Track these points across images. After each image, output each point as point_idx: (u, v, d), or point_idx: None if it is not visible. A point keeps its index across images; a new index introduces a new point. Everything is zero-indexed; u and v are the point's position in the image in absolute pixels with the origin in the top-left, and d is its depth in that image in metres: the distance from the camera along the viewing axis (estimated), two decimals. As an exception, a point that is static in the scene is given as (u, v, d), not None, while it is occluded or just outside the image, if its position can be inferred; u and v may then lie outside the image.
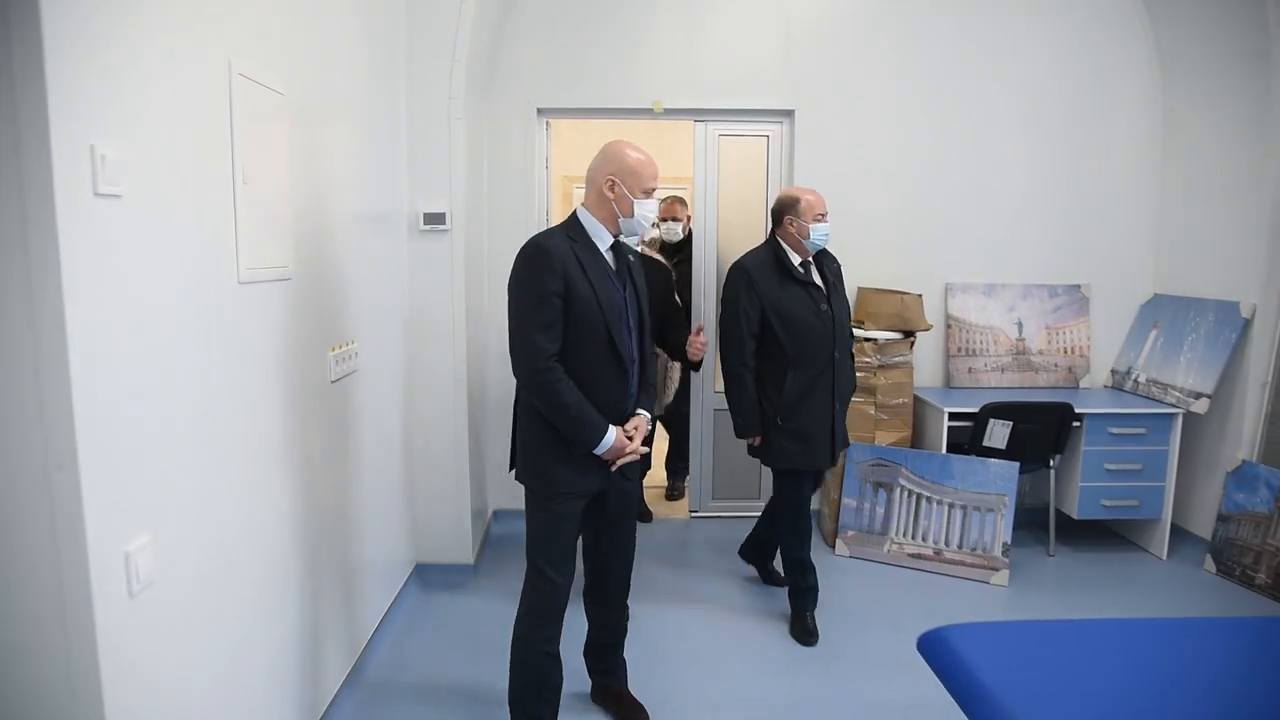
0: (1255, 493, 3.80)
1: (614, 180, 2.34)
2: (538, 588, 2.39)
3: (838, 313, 3.22)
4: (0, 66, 1.27)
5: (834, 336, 3.18)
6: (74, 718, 1.42)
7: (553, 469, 2.34)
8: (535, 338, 2.23)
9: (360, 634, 2.90)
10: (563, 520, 2.37)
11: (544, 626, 2.40)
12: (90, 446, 1.39)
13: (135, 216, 1.52)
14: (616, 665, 2.75)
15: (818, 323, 3.15)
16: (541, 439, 2.35)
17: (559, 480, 2.34)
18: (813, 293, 3.17)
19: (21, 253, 1.32)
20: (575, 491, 2.37)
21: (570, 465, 2.34)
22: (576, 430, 2.29)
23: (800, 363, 3.16)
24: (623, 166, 2.34)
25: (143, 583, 1.54)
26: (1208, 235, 4.18)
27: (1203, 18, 4.07)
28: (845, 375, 3.28)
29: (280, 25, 2.20)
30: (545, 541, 2.38)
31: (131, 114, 1.51)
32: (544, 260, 2.24)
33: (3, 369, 1.35)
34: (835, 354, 3.19)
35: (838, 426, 3.25)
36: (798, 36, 4.27)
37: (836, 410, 3.23)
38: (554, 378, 2.25)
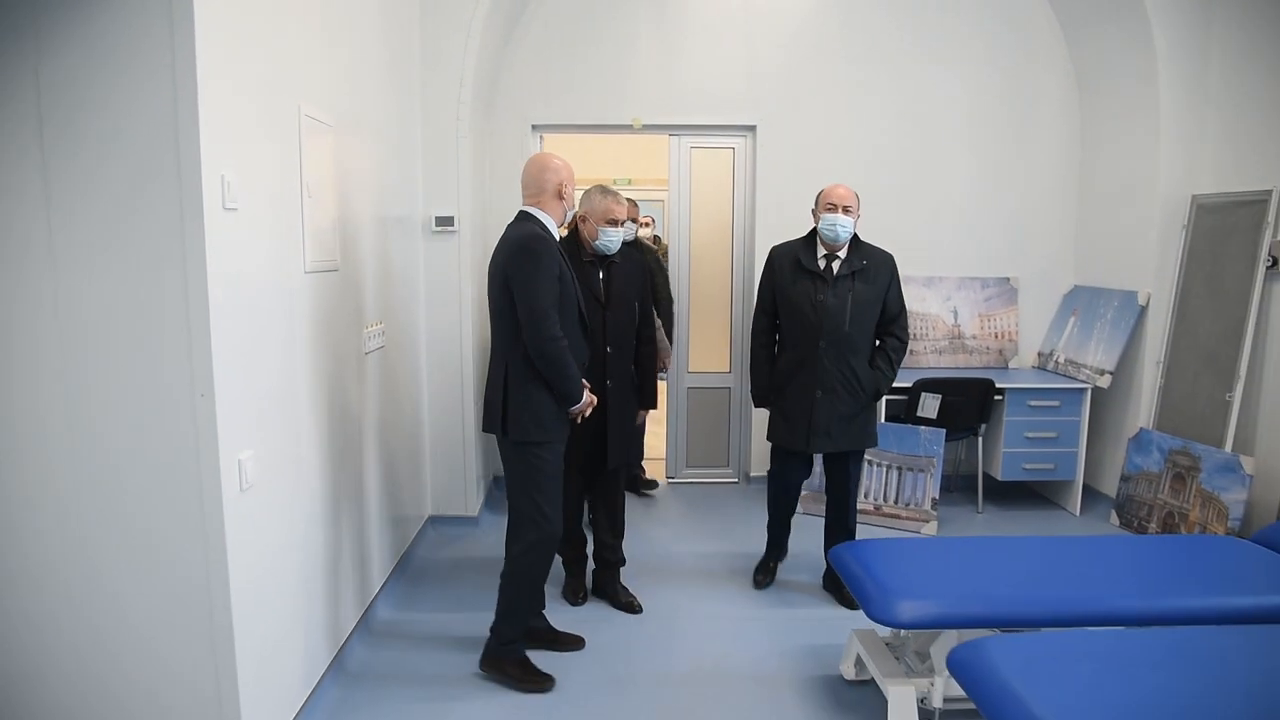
0: (1150, 455, 4.43)
1: (565, 185, 2.82)
2: (540, 526, 2.80)
3: (838, 306, 3.28)
4: (169, 124, 1.90)
5: (822, 327, 3.29)
6: (209, 566, 2.05)
7: (551, 422, 2.79)
8: (551, 312, 2.66)
9: (401, 544, 3.54)
10: (557, 465, 2.84)
11: (544, 559, 2.85)
12: (221, 381, 2.02)
13: (245, 223, 2.15)
14: (541, 608, 3.15)
15: (810, 311, 3.31)
16: (542, 398, 2.75)
17: (555, 431, 2.81)
18: (816, 283, 3.33)
19: (180, 245, 1.95)
20: (562, 440, 2.87)
21: (558, 418, 2.83)
22: (572, 388, 2.75)
23: (789, 345, 3.41)
24: (567, 174, 2.84)
25: (249, 483, 2.17)
26: (1116, 233, 4.82)
27: (1109, 46, 4.70)
28: (836, 368, 3.31)
29: (330, 73, 2.83)
30: (548, 484, 2.80)
31: (242, 151, 2.14)
32: (547, 248, 2.69)
33: (166, 324, 1.97)
34: (821, 343, 3.29)
35: (816, 415, 3.33)
36: (759, 60, 4.89)
37: (818, 398, 3.32)
38: (563, 346, 2.69)
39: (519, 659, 2.89)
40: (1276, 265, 3.96)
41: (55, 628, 2.08)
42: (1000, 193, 5.09)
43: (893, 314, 3.39)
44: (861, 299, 3.30)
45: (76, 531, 2.05)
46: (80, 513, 2.04)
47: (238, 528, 2.11)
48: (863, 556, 2.66)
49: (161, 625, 2.08)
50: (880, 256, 3.40)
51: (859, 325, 3.31)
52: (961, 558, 2.69)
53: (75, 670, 2.10)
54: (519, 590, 2.87)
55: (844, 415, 3.34)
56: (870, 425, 3.47)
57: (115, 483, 2.03)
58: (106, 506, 2.04)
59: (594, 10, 4.82)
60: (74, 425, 2.01)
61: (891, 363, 3.39)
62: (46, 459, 2.02)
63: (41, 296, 1.97)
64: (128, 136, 1.92)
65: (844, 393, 3.33)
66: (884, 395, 3.46)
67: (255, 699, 2.20)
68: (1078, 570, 2.67)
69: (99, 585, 2.07)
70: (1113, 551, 2.89)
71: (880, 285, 3.35)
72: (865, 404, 3.39)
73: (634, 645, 3.18)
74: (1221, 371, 4.15)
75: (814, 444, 3.37)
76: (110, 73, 1.91)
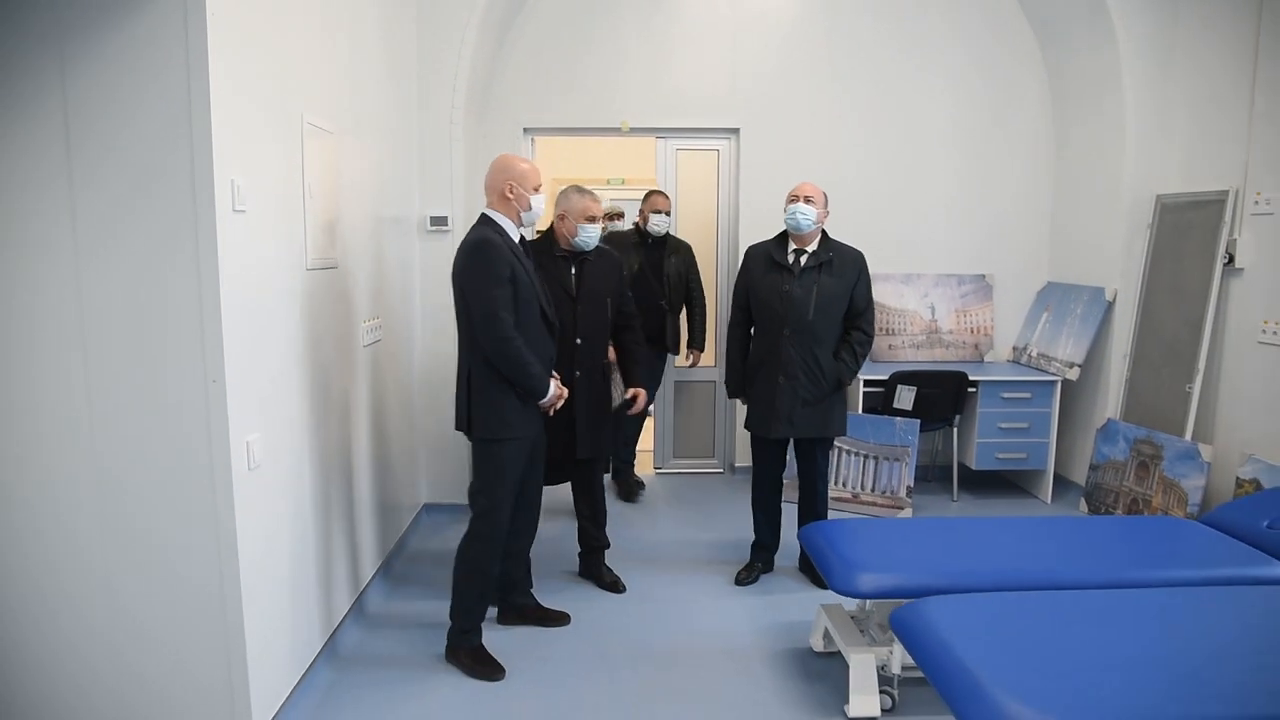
0: (1116, 445, 4.63)
1: (511, 184, 2.88)
2: (489, 518, 2.92)
3: (803, 296, 3.42)
4: (184, 134, 2.09)
5: (787, 316, 3.43)
6: (219, 539, 2.23)
7: (511, 418, 2.88)
8: (501, 314, 2.76)
9: (396, 529, 3.72)
10: (513, 462, 2.92)
11: (491, 554, 2.95)
12: (231, 369, 2.20)
13: (253, 224, 2.34)
14: (528, 585, 3.33)
15: (776, 302, 3.46)
16: (500, 395, 2.85)
17: (519, 428, 2.90)
18: (783, 275, 3.48)
19: (193, 244, 2.13)
20: (525, 435, 2.94)
21: (523, 414, 2.91)
22: (533, 384, 2.85)
23: (759, 335, 3.58)
24: (515, 173, 2.88)
25: (256, 463, 2.35)
26: (1086, 232, 5.01)
27: (1079, 52, 4.89)
28: (800, 356, 3.44)
29: (331, 83, 3.01)
30: (498, 480, 2.91)
31: (250, 157, 2.32)
32: (495, 252, 2.78)
33: (181, 316, 2.15)
34: (785, 331, 3.44)
35: (779, 401, 3.48)
36: (742, 65, 5.08)
37: (781, 384, 3.47)
38: (516, 343, 2.78)
39: (471, 648, 2.98)
40: (1233, 262, 4.15)
41: (80, 593, 2.26)
42: (977, 193, 5.28)
43: (859, 309, 3.53)
44: (827, 291, 3.44)
45: (100, 507, 2.23)
46: (104, 489, 2.22)
47: (246, 504, 2.29)
48: (828, 534, 2.85)
49: (176, 593, 2.26)
50: (849, 253, 3.54)
51: (823, 316, 3.45)
52: (921, 535, 2.88)
53: (97, 630, 2.28)
54: (468, 581, 2.97)
55: (806, 402, 3.47)
56: (834, 414, 3.57)
57: (135, 461, 2.21)
58: (127, 483, 2.22)
59: (583, 18, 5.00)
60: (96, 409, 2.19)
61: (855, 355, 3.52)
62: (73, 439, 2.20)
63: (66, 291, 2.16)
64: (146, 144, 2.10)
65: (806, 380, 3.46)
66: (846, 386, 3.60)
67: (260, 667, 2.39)
68: (1031, 546, 2.86)
69: (121, 556, 2.25)
70: (1067, 530, 3.09)
71: (847, 280, 3.49)
72: (828, 392, 3.51)
73: (616, 623, 3.37)
74: (1182, 364, 4.34)
75: (777, 429, 3.51)
76: (130, 85, 2.09)
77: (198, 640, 2.28)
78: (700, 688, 2.89)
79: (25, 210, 2.13)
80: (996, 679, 1.66)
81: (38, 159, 2.11)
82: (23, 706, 2.30)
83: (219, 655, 2.29)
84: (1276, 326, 3.90)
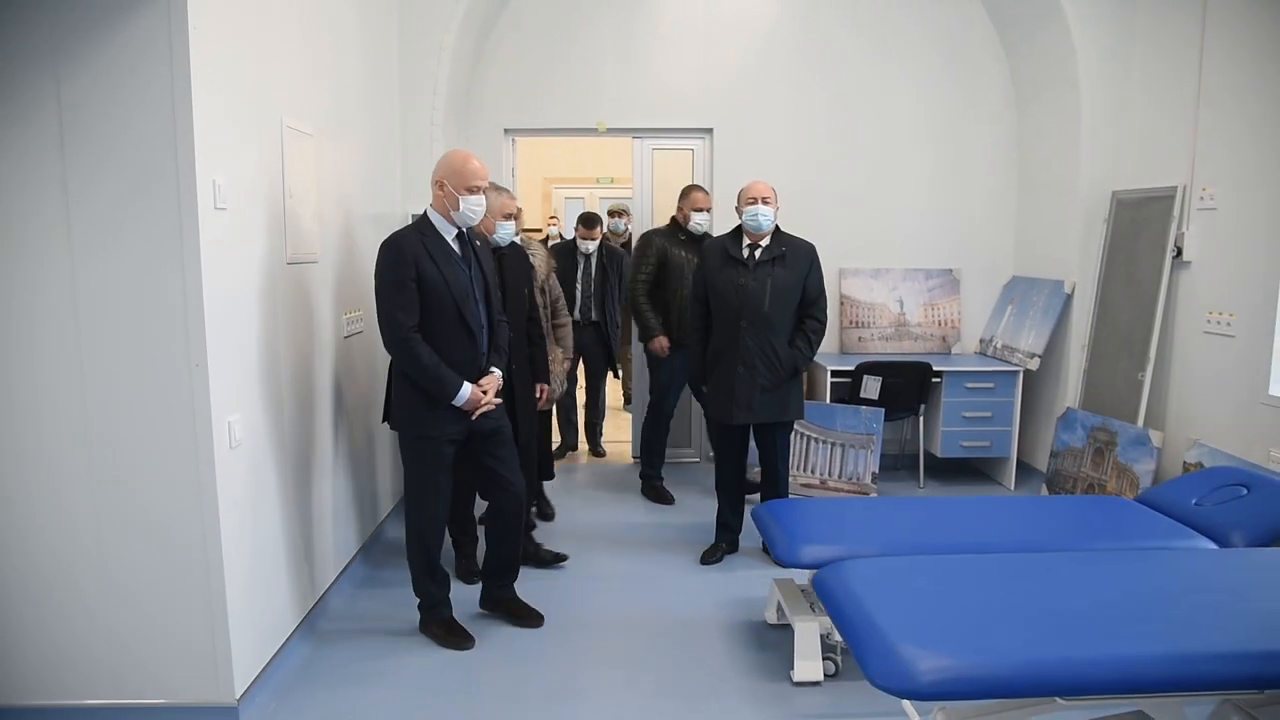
0: (1075, 432, 4.81)
1: (442, 181, 2.86)
2: (421, 510, 3.01)
3: (758, 289, 3.59)
4: (169, 138, 2.27)
5: (743, 308, 3.60)
6: (202, 510, 2.42)
7: (423, 418, 2.91)
8: (396, 315, 2.79)
9: (377, 514, 3.91)
10: (436, 460, 2.96)
11: (430, 535, 3.04)
12: (213, 354, 2.39)
13: (234, 220, 2.53)
14: (510, 580, 3.31)
15: (733, 295, 3.62)
16: (413, 395, 2.89)
17: (429, 427, 2.92)
18: (739, 269, 3.64)
19: (178, 238, 2.32)
20: (445, 435, 2.93)
21: (436, 415, 2.90)
22: (436, 386, 2.84)
23: (718, 327, 3.72)
24: (449, 170, 2.86)
25: (237, 442, 2.54)
26: (1047, 227, 5.19)
27: (1039, 54, 5.07)
28: (757, 346, 3.60)
29: (312, 89, 3.20)
30: (422, 478, 2.98)
31: (232, 159, 2.51)
32: (395, 253, 2.82)
33: (167, 305, 2.34)
34: (742, 323, 3.60)
35: (739, 389, 3.63)
36: (715, 66, 5.26)
37: (739, 373, 3.62)
38: (413, 345, 2.80)
39: (441, 619, 3.11)
40: (1181, 255, 4.32)
41: (69, 563, 2.45)
42: (944, 190, 5.46)
43: (812, 298, 3.70)
44: (780, 283, 3.61)
45: (91, 482, 2.42)
46: (94, 466, 2.41)
47: (228, 480, 2.48)
48: (776, 510, 3.03)
49: (162, 563, 2.45)
50: (801, 246, 3.72)
51: (778, 307, 3.61)
52: (865, 512, 3.07)
53: (86, 598, 2.47)
54: (414, 566, 3.11)
55: (765, 389, 3.63)
56: (792, 399, 3.73)
57: (124, 441, 2.40)
58: (116, 461, 2.41)
59: (562, 23, 5.18)
60: (89, 391, 2.38)
61: (810, 342, 3.70)
62: (67, 419, 2.39)
63: (61, 283, 2.34)
64: (134, 148, 2.29)
65: (763, 368, 3.62)
66: (803, 372, 3.78)
67: (242, 632, 2.58)
68: (972, 521, 3.05)
69: (109, 528, 2.44)
70: (1008, 507, 3.28)
71: (800, 271, 3.66)
72: (784, 379, 3.67)
73: (580, 599, 3.55)
74: (1135, 353, 4.52)
75: (737, 416, 3.67)
76: (119, 94, 2.28)
77: (182, 606, 2.47)
78: (656, 655, 3.08)
79: (23, 210, 2.32)
80: (894, 624, 1.84)
81: (35, 162, 2.30)
82: (18, 667, 2.48)
83: (202, 620, 2.48)
84: (1220, 316, 4.08)
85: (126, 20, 2.25)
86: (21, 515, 2.42)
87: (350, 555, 3.66)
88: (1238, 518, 2.99)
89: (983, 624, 1.89)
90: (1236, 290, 3.98)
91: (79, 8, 2.24)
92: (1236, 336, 3.98)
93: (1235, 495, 3.12)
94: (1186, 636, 1.88)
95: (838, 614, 2.05)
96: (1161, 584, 2.18)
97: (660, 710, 2.72)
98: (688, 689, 2.85)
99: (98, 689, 2.49)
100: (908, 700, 1.87)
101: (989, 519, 3.06)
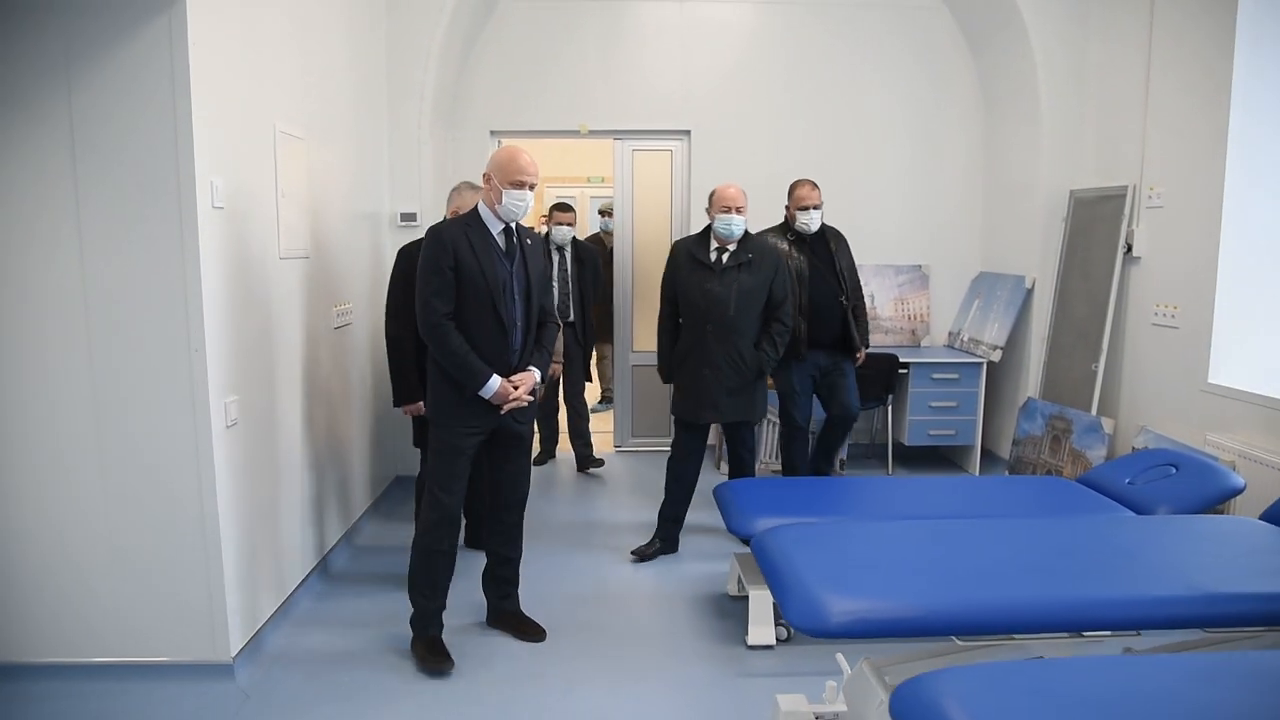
0: (1035, 421, 5.03)
1: (489, 175, 2.87)
2: (437, 506, 2.92)
3: (724, 294, 3.67)
4: (170, 142, 2.50)
5: (710, 312, 3.68)
6: (200, 483, 2.65)
7: (454, 408, 2.90)
8: (431, 300, 2.81)
9: (365, 498, 4.13)
10: (459, 452, 2.91)
11: (442, 538, 2.95)
12: (211, 340, 2.62)
13: (230, 218, 2.76)
14: (512, 591, 3.25)
15: (700, 298, 3.70)
16: (446, 384, 2.88)
17: (457, 417, 2.90)
18: (706, 274, 3.71)
19: (178, 235, 2.55)
20: (470, 427, 2.91)
21: (467, 406, 2.88)
22: (464, 374, 2.82)
23: (686, 329, 3.80)
24: (496, 165, 2.86)
25: (233, 420, 2.77)
26: (1011, 225, 5.42)
27: (1003, 60, 5.30)
28: (722, 349, 3.68)
29: (303, 94, 3.43)
30: (444, 468, 2.92)
31: (228, 161, 2.74)
32: (435, 241, 2.84)
33: (164, 294, 2.57)
34: (709, 326, 3.68)
35: (706, 390, 3.71)
36: (693, 69, 5.49)
37: (706, 375, 3.70)
38: (445, 331, 2.80)
39: (426, 638, 3.01)
40: (1131, 251, 4.55)
41: (79, 531, 2.68)
42: (916, 190, 5.68)
43: (777, 301, 3.78)
44: (746, 288, 3.69)
45: (99, 458, 2.64)
46: (102, 443, 2.64)
47: (225, 455, 2.72)
48: (734, 489, 3.26)
49: (163, 530, 2.68)
50: (767, 250, 3.83)
51: (743, 311, 3.69)
52: (817, 488, 3.29)
53: (94, 563, 2.70)
54: (419, 570, 2.99)
55: (730, 390, 3.72)
56: (757, 400, 3.83)
57: (129, 419, 2.63)
58: (122, 437, 2.64)
59: (547, 29, 5.41)
60: (97, 372, 2.61)
61: (775, 345, 3.78)
62: (77, 399, 2.62)
63: (72, 273, 2.57)
64: (139, 151, 2.52)
65: (729, 371, 3.70)
66: (768, 374, 3.86)
67: (237, 596, 2.81)
68: (917, 497, 3.27)
69: (115, 500, 2.66)
70: (954, 485, 3.51)
71: (764, 276, 3.74)
72: (750, 381, 3.76)
73: (553, 575, 3.77)
74: (1090, 345, 4.75)
75: (704, 416, 3.78)
76: (125, 102, 2.50)
77: (183, 572, 2.70)
78: (622, 622, 3.31)
79: (38, 206, 2.55)
80: (816, 575, 2.06)
81: (48, 163, 2.53)
82: (31, 626, 2.71)
83: (200, 585, 2.71)
84: (1166, 309, 4.31)
85: (133, 36, 2.48)
86: (35, 486, 2.65)
87: (334, 541, 3.89)
88: (1164, 494, 3.21)
89: (896, 576, 2.11)
90: (1180, 284, 4.21)
91: (90, 25, 2.47)
92: (1180, 328, 4.21)
93: (1165, 474, 3.35)
94: (1079, 584, 2.11)
95: (769, 570, 2.27)
96: (1070, 544, 2.40)
97: (622, 668, 2.96)
98: (650, 651, 3.08)
99: (107, 647, 2.72)
100: (822, 637, 2.03)
101: (932, 494, 3.29)
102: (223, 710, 2.64)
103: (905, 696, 1.61)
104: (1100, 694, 1.60)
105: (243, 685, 2.76)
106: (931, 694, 1.56)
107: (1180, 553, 2.37)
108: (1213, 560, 2.31)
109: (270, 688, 2.79)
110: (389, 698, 2.76)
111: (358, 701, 2.73)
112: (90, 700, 2.65)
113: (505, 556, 3.20)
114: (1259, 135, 3.87)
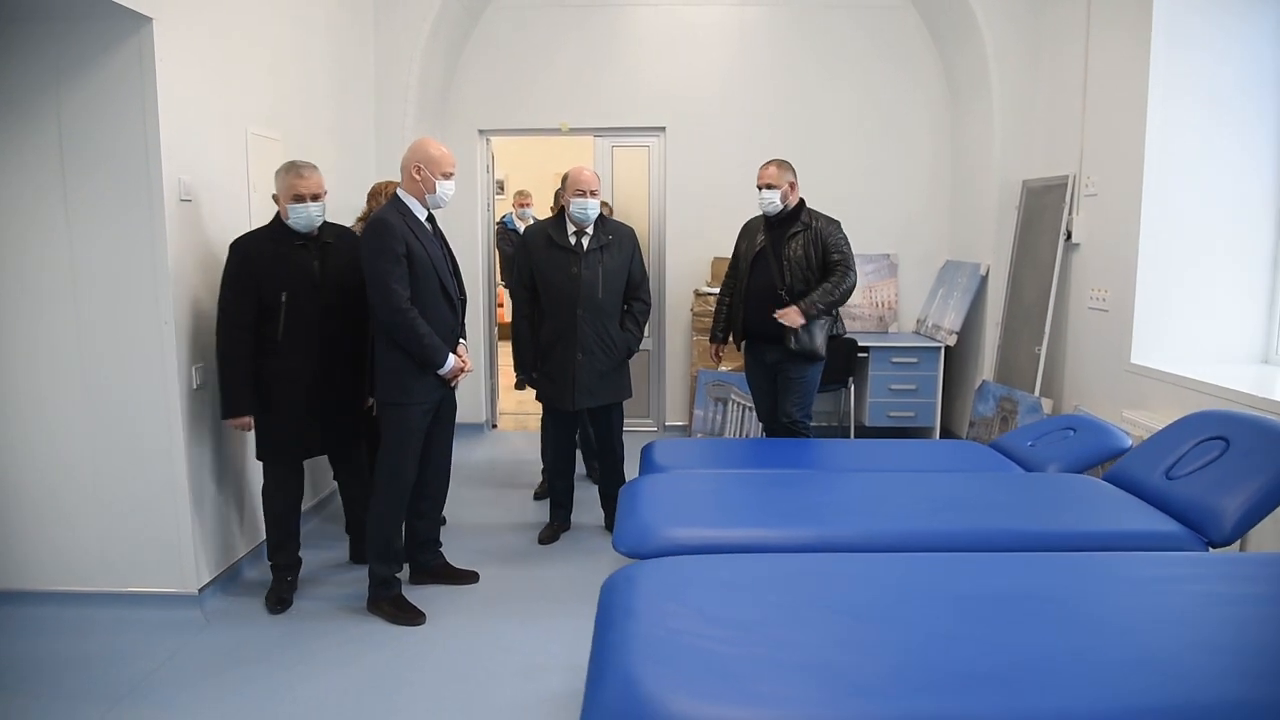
0: (988, 403, 5.26)
1: (419, 166, 3.04)
2: (397, 478, 3.12)
3: (591, 277, 3.65)
4: (141, 143, 2.93)
5: (579, 296, 3.65)
6: (170, 436, 3.08)
7: (411, 385, 3.06)
8: (393, 286, 2.92)
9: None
10: (416, 427, 3.11)
11: (400, 508, 3.19)
12: (179, 315, 3.05)
13: (198, 211, 3.19)
14: (439, 548, 3.48)
15: (566, 283, 3.66)
16: (402, 364, 3.03)
17: (416, 394, 3.07)
18: (569, 258, 3.68)
19: (149, 227, 2.98)
20: (424, 405, 3.12)
21: (422, 383, 3.08)
22: (429, 355, 3.00)
23: (550, 315, 3.74)
24: (426, 157, 3.03)
25: (199, 384, 3.20)
26: (970, 214, 5.64)
27: (963, 57, 5.52)
28: (594, 332, 3.70)
29: (277, 99, 3.85)
30: (402, 444, 3.09)
31: (198, 160, 3.17)
32: (387, 229, 2.96)
33: (139, 275, 3.00)
34: (579, 311, 3.65)
35: (579, 375, 3.70)
36: (668, 69, 5.81)
37: (579, 360, 3.69)
38: (411, 315, 2.95)
39: (392, 597, 3.19)
40: (1071, 238, 4.76)
41: (65, 476, 3.13)
42: (885, 182, 5.92)
43: (636, 281, 3.85)
44: (610, 269, 3.73)
45: (84, 413, 3.10)
46: (85, 405, 3.09)
47: (193, 414, 3.15)
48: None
49: (138, 477, 3.13)
50: (624, 231, 3.85)
51: (609, 293, 3.74)
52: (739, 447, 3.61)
53: (78, 503, 3.15)
54: (375, 543, 3.17)
55: (602, 373, 3.76)
56: (625, 379, 3.91)
57: (110, 381, 3.08)
58: (105, 397, 3.09)
59: (532, 32, 5.78)
60: (82, 345, 3.06)
61: (639, 324, 3.89)
62: (66, 363, 3.08)
63: (61, 256, 3.03)
64: (117, 150, 2.96)
65: (600, 354, 3.74)
66: (635, 352, 3.94)
67: (201, 537, 3.24)
68: (825, 454, 3.52)
69: (99, 451, 3.12)
70: (870, 447, 3.73)
71: (625, 257, 3.80)
72: (619, 361, 3.83)
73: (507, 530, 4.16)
74: (1035, 329, 4.96)
75: (579, 401, 3.76)
76: (105, 110, 2.95)
77: (155, 514, 3.15)
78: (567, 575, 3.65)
79: (32, 200, 3.01)
80: (651, 506, 2.35)
81: (40, 163, 2.99)
82: (19, 557, 3.18)
83: (170, 525, 3.14)
84: (1098, 293, 4.51)
85: (110, 55, 2.91)
86: (27, 438, 3.13)
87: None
88: (1056, 453, 3.42)
89: (743, 512, 2.39)
90: (1109, 269, 4.42)
91: (75, 46, 2.92)
92: (1109, 310, 4.41)
93: (1064, 437, 3.57)
94: (894, 520, 2.37)
95: (624, 514, 2.47)
96: (923, 493, 2.61)
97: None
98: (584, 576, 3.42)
99: (89, 578, 3.18)
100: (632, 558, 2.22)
101: (841, 452, 3.55)
102: (185, 631, 3.07)
103: (609, 582, 1.85)
104: (794, 583, 1.82)
105: (207, 613, 3.18)
106: (622, 577, 1.80)
107: (1012, 500, 2.63)
108: (1035, 505, 2.57)
109: (234, 615, 3.22)
110: (339, 624, 3.15)
111: (306, 626, 3.14)
112: (75, 622, 3.10)
113: (438, 518, 3.47)
114: (1176, 126, 4.05)
